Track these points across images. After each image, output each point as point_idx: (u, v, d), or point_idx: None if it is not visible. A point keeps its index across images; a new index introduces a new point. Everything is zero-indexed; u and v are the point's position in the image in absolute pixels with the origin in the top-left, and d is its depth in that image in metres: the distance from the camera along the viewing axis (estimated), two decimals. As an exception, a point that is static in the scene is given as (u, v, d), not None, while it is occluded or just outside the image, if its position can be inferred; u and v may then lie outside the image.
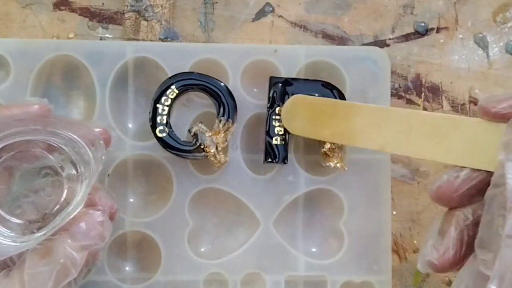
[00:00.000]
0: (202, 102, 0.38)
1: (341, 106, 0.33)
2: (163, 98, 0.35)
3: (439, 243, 0.27)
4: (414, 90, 0.40)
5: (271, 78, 0.36)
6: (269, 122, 0.36)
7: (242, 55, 0.37)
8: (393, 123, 0.31)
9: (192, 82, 0.35)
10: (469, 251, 0.27)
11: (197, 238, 0.38)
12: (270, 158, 0.36)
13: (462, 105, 0.40)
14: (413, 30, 0.40)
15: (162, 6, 0.39)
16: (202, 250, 0.38)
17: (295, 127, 0.35)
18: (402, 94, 0.40)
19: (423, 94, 0.40)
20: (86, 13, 0.40)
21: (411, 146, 0.30)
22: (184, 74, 0.36)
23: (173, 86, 0.35)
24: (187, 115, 0.37)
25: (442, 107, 0.40)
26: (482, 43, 0.40)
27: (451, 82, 0.40)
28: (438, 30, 0.40)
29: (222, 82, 0.36)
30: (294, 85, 0.36)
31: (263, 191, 0.37)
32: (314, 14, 0.40)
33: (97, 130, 0.31)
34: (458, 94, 0.40)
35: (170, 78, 0.35)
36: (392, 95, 0.39)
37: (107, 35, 0.39)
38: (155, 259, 0.37)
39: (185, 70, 0.36)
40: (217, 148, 0.35)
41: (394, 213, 0.39)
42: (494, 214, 0.24)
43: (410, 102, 0.40)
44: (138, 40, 0.39)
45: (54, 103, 0.37)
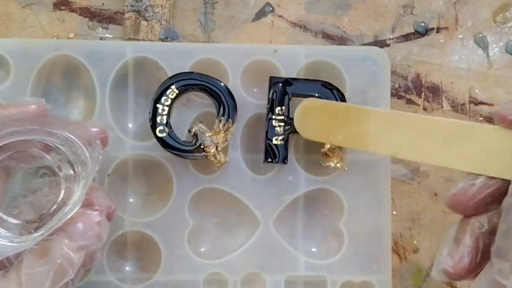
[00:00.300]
0: (202, 102, 0.38)
1: (353, 110, 0.33)
2: (163, 98, 0.35)
3: (454, 251, 0.27)
4: (414, 90, 0.40)
5: (271, 78, 0.36)
6: (269, 122, 0.36)
7: (242, 55, 0.37)
8: (406, 129, 0.30)
9: (192, 82, 0.35)
10: (484, 259, 0.26)
11: (197, 238, 0.38)
12: (270, 158, 0.36)
13: (462, 105, 0.40)
14: (413, 30, 0.40)
15: (162, 6, 0.39)
16: (202, 250, 0.38)
17: (309, 132, 0.35)
18: (402, 94, 0.40)
19: (423, 94, 0.40)
20: (86, 13, 0.40)
21: (425, 152, 0.30)
22: (184, 74, 0.36)
23: (173, 86, 0.35)
24: (187, 115, 0.37)
25: (442, 107, 0.40)
26: (482, 43, 0.40)
27: (451, 82, 0.40)
28: (438, 30, 0.40)
29: (222, 82, 0.36)
30: (294, 85, 0.36)
31: (263, 191, 0.37)
32: (314, 14, 0.40)
33: (94, 130, 0.31)
34: (458, 94, 0.40)
35: (170, 78, 0.35)
36: (392, 95, 0.39)
37: (107, 35, 0.39)
38: (155, 259, 0.37)
39: (185, 70, 0.36)
40: (217, 148, 0.35)
41: (394, 213, 0.39)
42: (511, 223, 0.24)
43: (410, 102, 0.40)
44: (138, 40, 0.39)
45: (54, 103, 0.37)
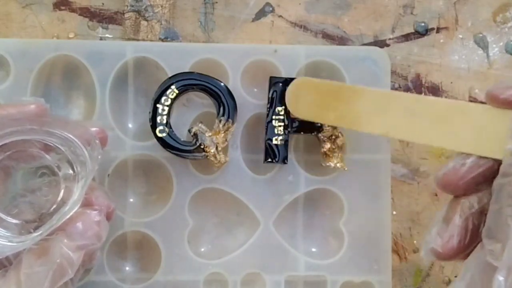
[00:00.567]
0: (202, 102, 0.38)
1: (346, 90, 0.33)
2: (163, 98, 0.35)
3: (444, 231, 0.27)
4: (414, 90, 0.40)
5: (271, 78, 0.36)
6: (269, 122, 0.36)
7: (242, 55, 0.37)
8: (398, 108, 0.30)
9: (192, 82, 0.35)
10: (473, 240, 0.26)
11: (197, 238, 0.38)
12: (270, 158, 0.36)
13: (462, 105, 0.40)
14: (413, 30, 0.40)
15: (162, 6, 0.39)
16: (202, 250, 0.38)
17: (299, 110, 0.34)
18: (402, 94, 0.40)
19: (423, 94, 0.40)
20: (86, 13, 0.40)
21: (416, 132, 0.29)
22: (184, 74, 0.36)
23: (173, 86, 0.35)
24: (187, 115, 0.37)
25: (442, 107, 0.40)
26: (482, 43, 0.40)
27: (451, 82, 0.40)
28: (438, 30, 0.40)
29: (222, 82, 0.36)
30: (294, 85, 0.36)
31: (263, 191, 0.37)
32: (314, 14, 0.40)
33: (93, 129, 0.31)
34: (458, 94, 0.40)
35: (170, 78, 0.35)
36: (392, 95, 0.39)
37: (107, 35, 0.39)
38: (155, 259, 0.37)
39: (185, 70, 0.36)
40: (217, 148, 0.35)
41: (394, 213, 0.39)
42: (503, 204, 0.24)
43: (410, 102, 0.40)
44: (138, 40, 0.39)
45: (54, 103, 0.37)
